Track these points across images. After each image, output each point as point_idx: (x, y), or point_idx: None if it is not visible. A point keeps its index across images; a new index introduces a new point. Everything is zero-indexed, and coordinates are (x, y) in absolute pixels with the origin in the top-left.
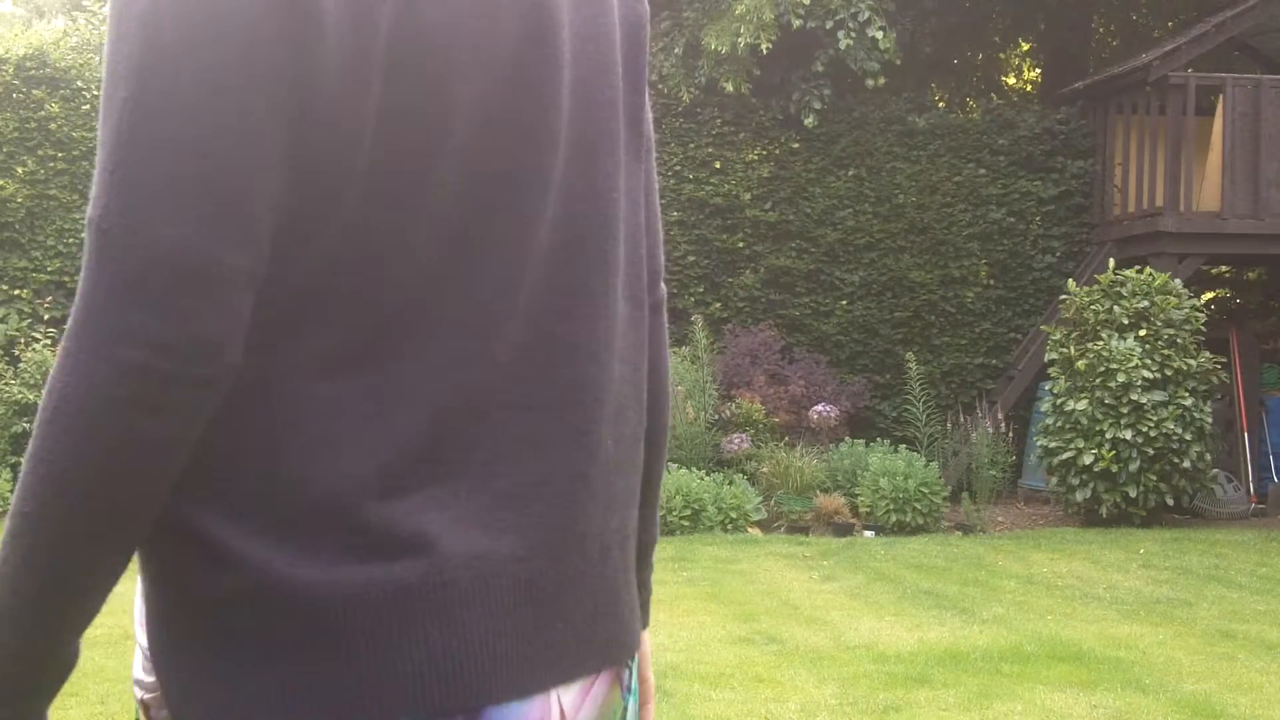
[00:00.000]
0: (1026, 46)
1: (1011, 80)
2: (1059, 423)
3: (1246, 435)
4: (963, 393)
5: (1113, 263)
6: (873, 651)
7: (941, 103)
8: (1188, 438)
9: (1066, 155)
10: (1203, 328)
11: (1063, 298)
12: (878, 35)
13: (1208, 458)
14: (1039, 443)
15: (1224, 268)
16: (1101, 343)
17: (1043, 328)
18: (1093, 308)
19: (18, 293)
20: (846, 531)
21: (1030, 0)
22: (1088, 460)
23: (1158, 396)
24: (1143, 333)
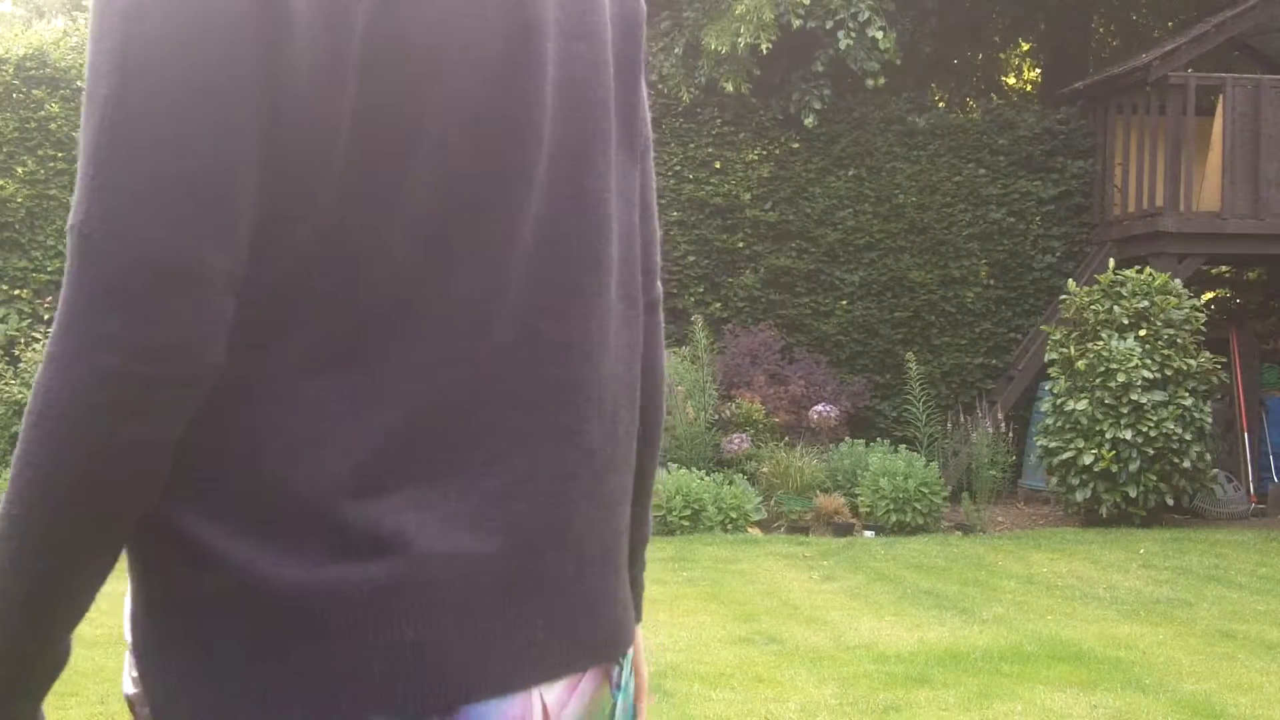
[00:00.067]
0: (1026, 46)
1: (1011, 80)
2: (1059, 423)
3: (1246, 435)
4: (963, 393)
5: (1113, 263)
6: (873, 651)
7: (941, 103)
8: (1188, 438)
9: (1066, 155)
10: (1203, 328)
11: (1063, 298)
12: (878, 35)
13: (1208, 458)
14: (1039, 443)
15: (1224, 268)
16: (1101, 343)
17: (1043, 328)
18: (1093, 308)
19: (18, 293)
20: (846, 531)
21: (1030, 0)
22: (1088, 460)
23: (1158, 396)
24: (1143, 333)
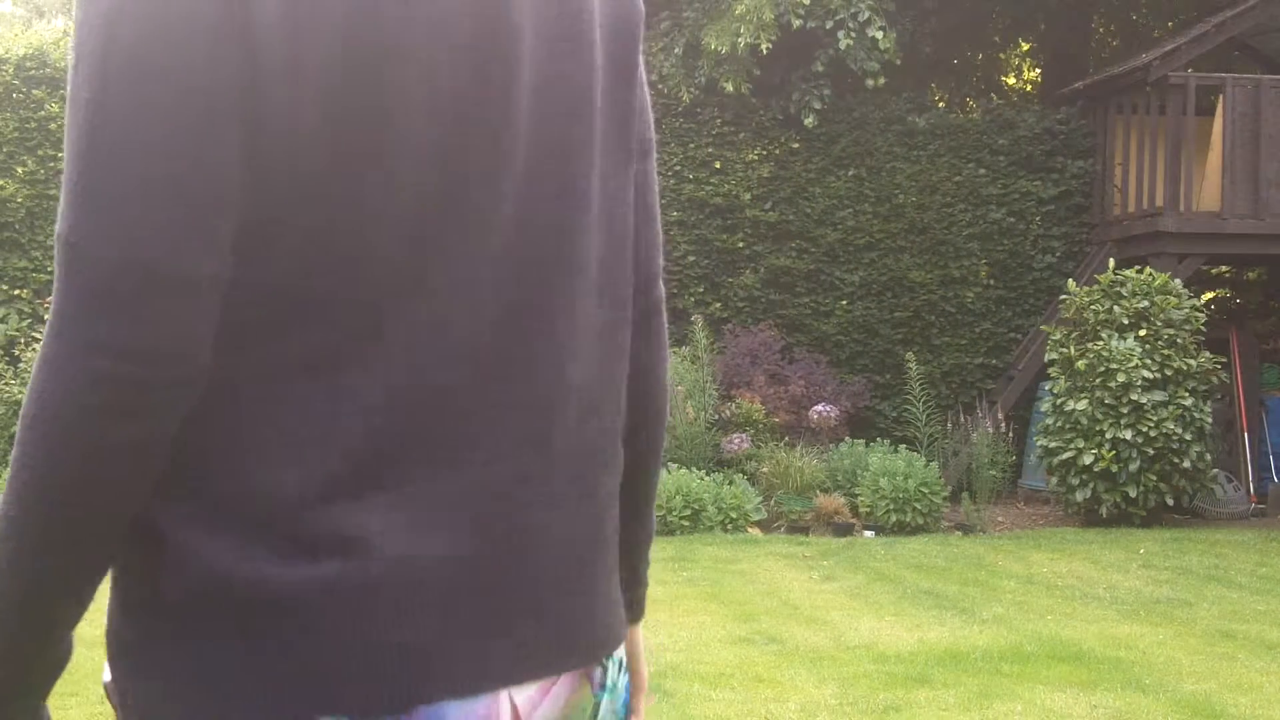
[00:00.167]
0: (1026, 46)
1: (1011, 80)
2: (1059, 423)
3: (1246, 435)
4: (963, 393)
5: (1113, 263)
6: (873, 651)
7: (941, 103)
8: (1188, 438)
9: (1066, 155)
10: (1203, 328)
11: (1063, 298)
12: (878, 35)
13: (1208, 458)
14: (1039, 443)
15: (1224, 268)
16: (1101, 343)
17: (1043, 328)
18: (1093, 308)
19: (18, 293)
20: (846, 531)
21: (1030, 0)
22: (1088, 460)
23: (1158, 396)
24: (1143, 333)
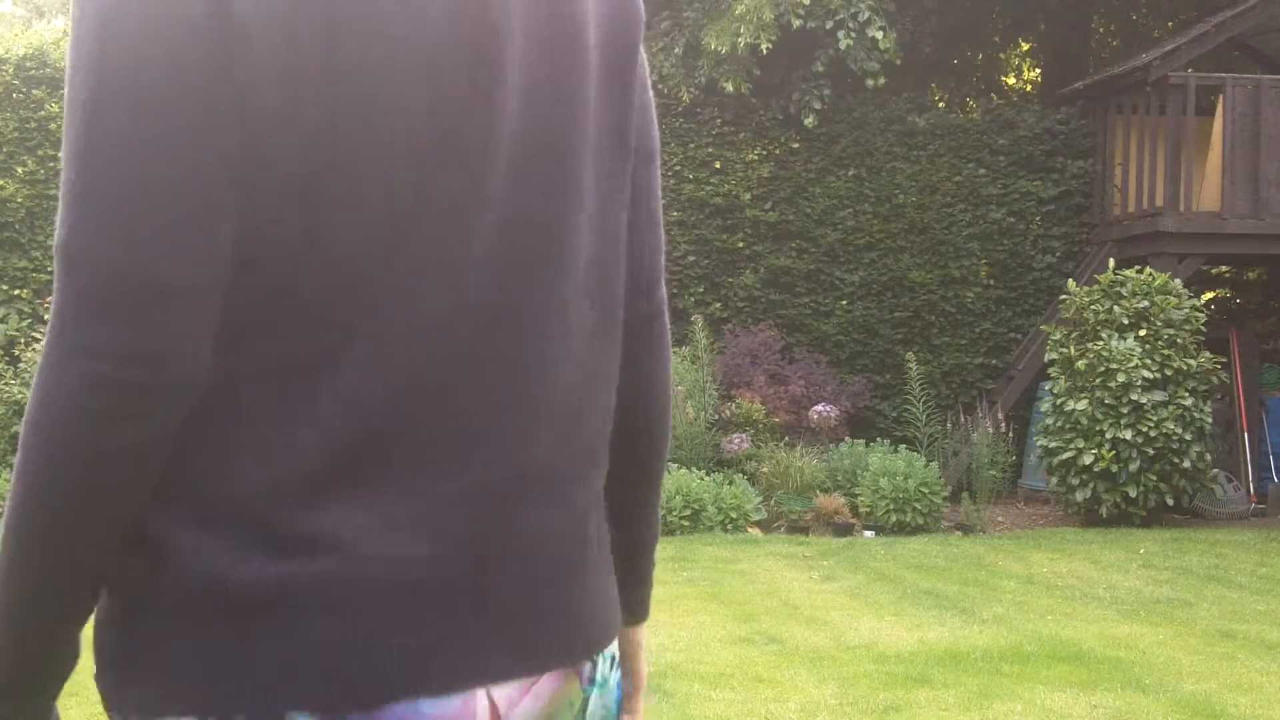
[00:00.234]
0: (1026, 46)
1: (1011, 80)
2: (1059, 423)
3: (1246, 435)
4: (963, 393)
5: (1113, 263)
6: (873, 651)
7: (941, 103)
8: (1188, 438)
9: (1066, 155)
10: (1203, 328)
11: (1063, 298)
12: (878, 35)
13: (1208, 458)
14: (1039, 443)
15: (1224, 268)
16: (1101, 343)
17: (1043, 328)
18: (1093, 308)
19: (18, 293)
20: (846, 531)
21: (1030, 0)
22: (1088, 460)
23: (1158, 396)
24: (1143, 333)
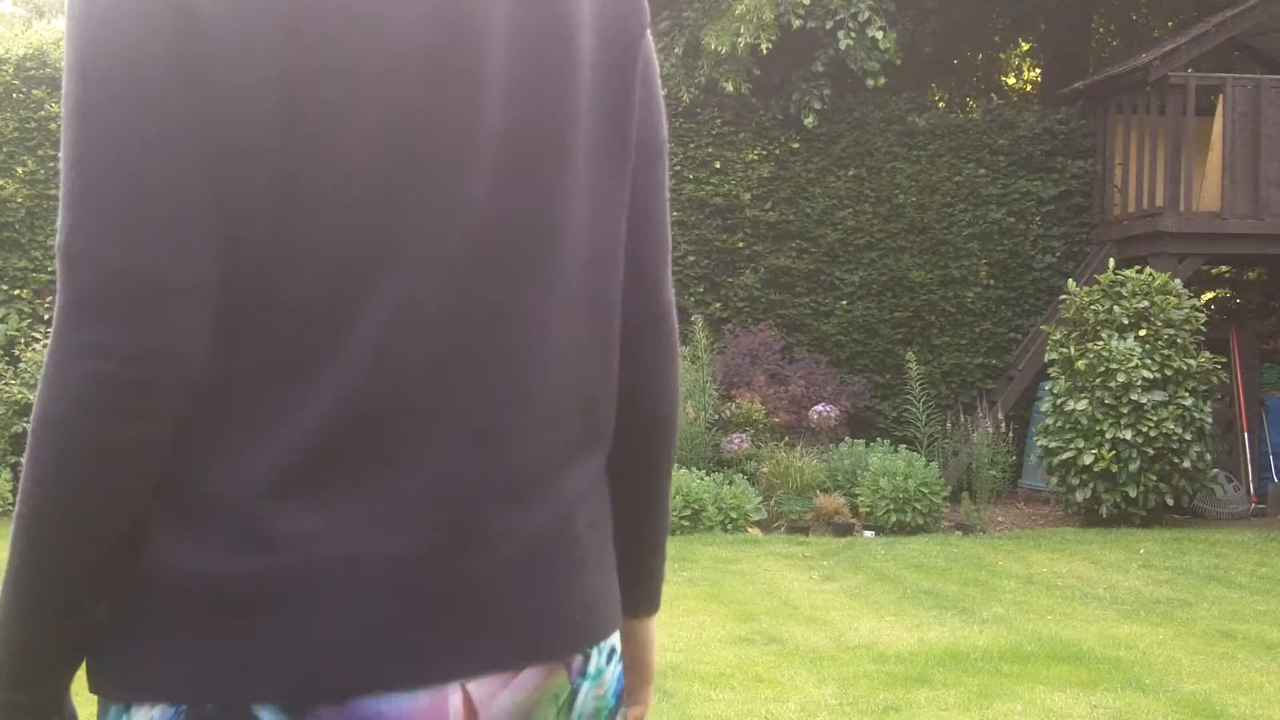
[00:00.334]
0: (1026, 46)
1: (1011, 80)
2: (1059, 423)
3: (1246, 435)
4: (963, 393)
5: (1113, 263)
6: (873, 651)
7: (941, 103)
8: (1188, 438)
9: (1066, 155)
10: (1203, 328)
11: (1063, 298)
12: (878, 35)
13: (1208, 458)
14: (1039, 443)
15: (1224, 268)
16: (1101, 343)
17: (1043, 328)
18: (1093, 308)
19: (18, 293)
20: (846, 531)
21: (1030, 0)
22: (1088, 460)
23: (1158, 396)
24: (1143, 333)
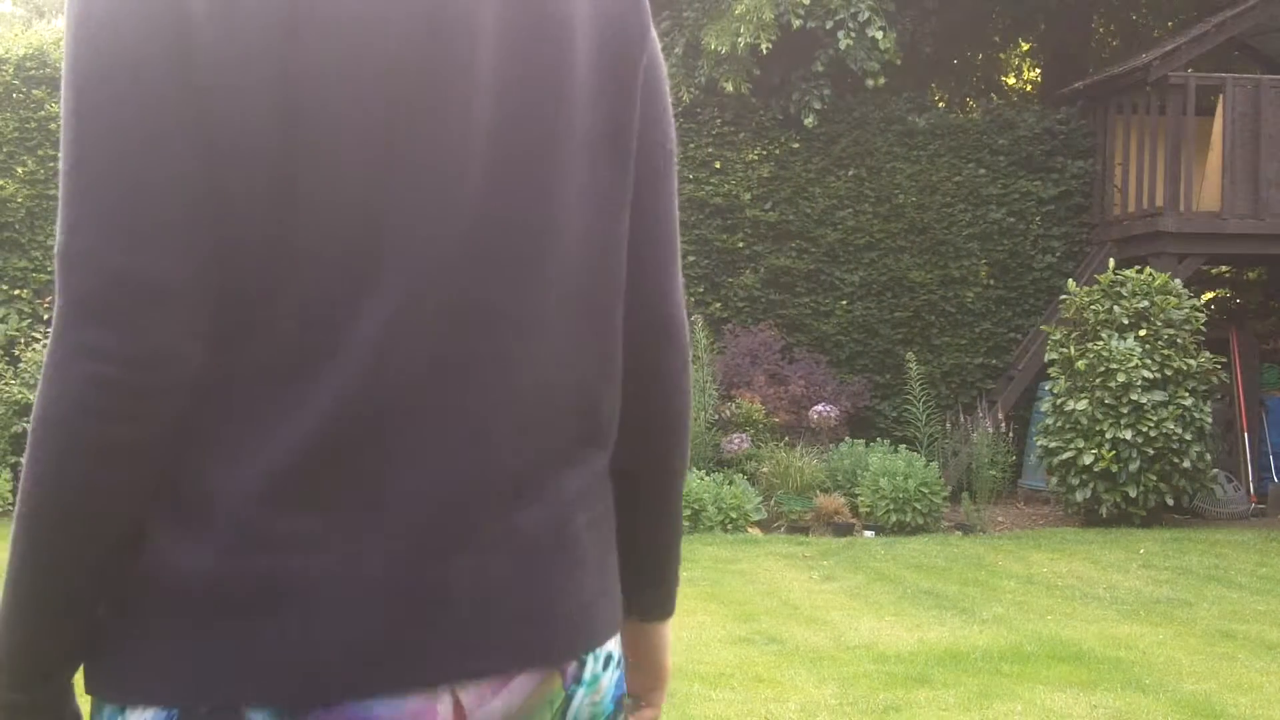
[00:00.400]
0: (1026, 46)
1: (1011, 80)
2: (1059, 423)
3: (1246, 435)
4: (963, 393)
5: (1113, 263)
6: (873, 651)
7: (941, 103)
8: (1188, 438)
9: (1066, 155)
10: (1203, 328)
11: (1063, 298)
12: (878, 35)
13: (1208, 458)
14: (1039, 443)
15: (1224, 268)
16: (1101, 343)
17: (1043, 328)
18: (1093, 308)
19: (18, 293)
20: (846, 531)
21: (1030, 0)
22: (1088, 460)
23: (1158, 396)
24: (1143, 333)
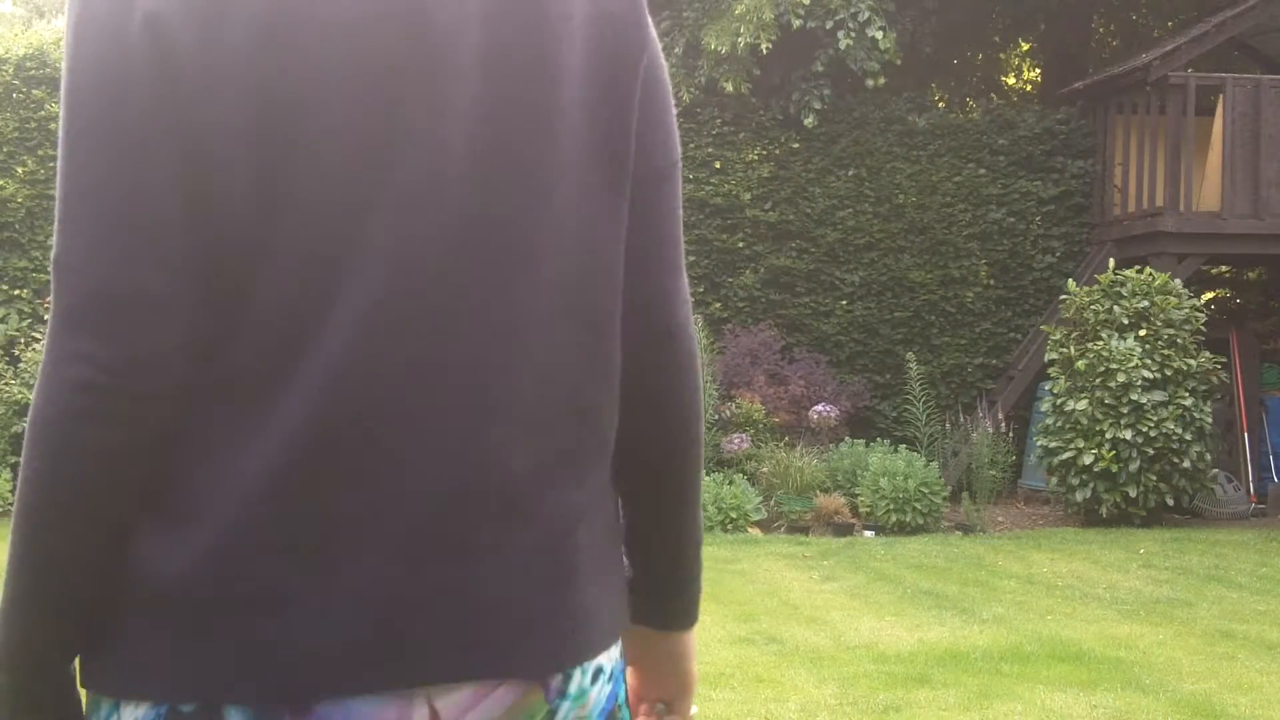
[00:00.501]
0: (1026, 46)
1: (1011, 80)
2: (1059, 423)
3: (1246, 435)
4: (963, 393)
5: (1113, 263)
6: (873, 651)
7: (941, 103)
8: (1188, 438)
9: (1066, 155)
10: (1203, 328)
11: (1063, 298)
12: (878, 35)
13: (1208, 458)
14: (1039, 443)
15: (1224, 268)
16: (1101, 343)
17: (1043, 328)
18: (1093, 308)
19: (18, 293)
20: (846, 531)
21: (1030, 0)
22: (1088, 460)
23: (1158, 396)
24: (1143, 333)
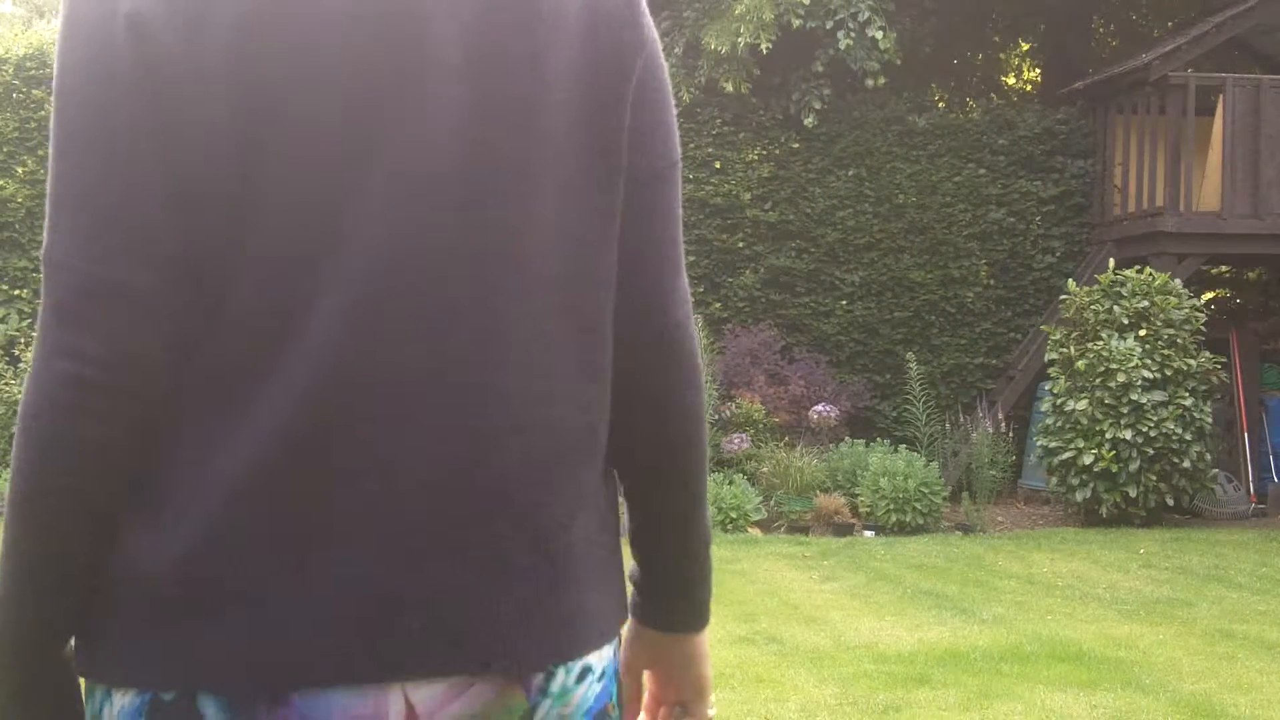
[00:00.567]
0: (1026, 46)
1: (1011, 80)
2: (1059, 423)
3: (1246, 435)
4: (963, 393)
5: (1113, 263)
6: (873, 651)
7: (941, 103)
8: (1188, 438)
9: (1066, 155)
10: (1203, 328)
11: (1063, 298)
12: (878, 35)
13: (1208, 458)
14: (1039, 443)
15: (1224, 268)
16: (1101, 343)
17: (1043, 328)
18: (1093, 308)
19: (18, 293)
20: (846, 531)
21: (1030, 0)
22: (1088, 460)
23: (1158, 396)
24: (1143, 333)
